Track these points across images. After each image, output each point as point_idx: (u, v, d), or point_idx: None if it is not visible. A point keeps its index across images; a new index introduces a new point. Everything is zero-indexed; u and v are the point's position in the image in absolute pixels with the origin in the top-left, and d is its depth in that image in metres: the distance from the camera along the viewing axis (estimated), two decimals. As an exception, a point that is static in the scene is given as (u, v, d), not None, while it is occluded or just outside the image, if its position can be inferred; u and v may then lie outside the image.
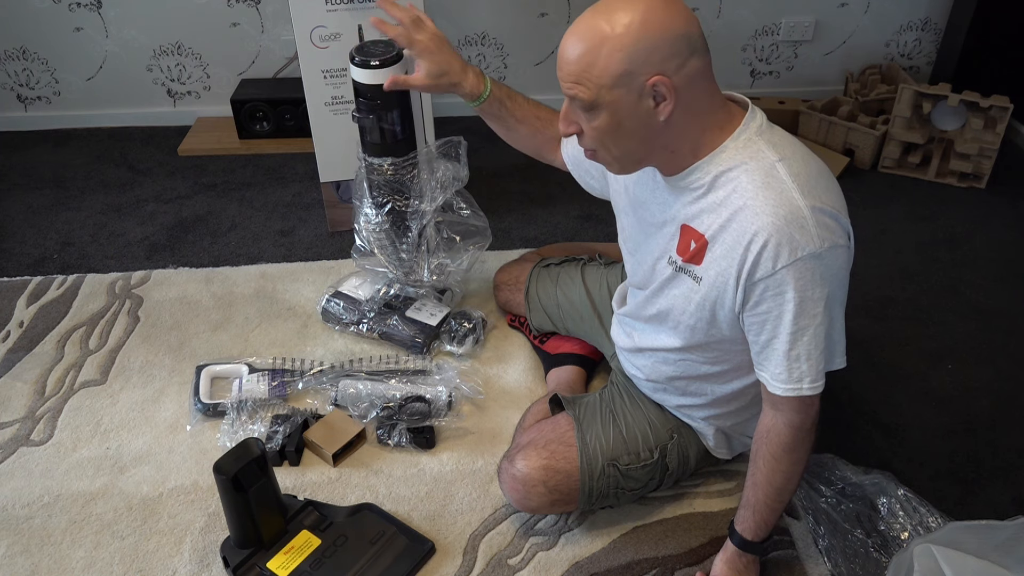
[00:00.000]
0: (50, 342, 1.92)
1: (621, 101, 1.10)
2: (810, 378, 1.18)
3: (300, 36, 1.98)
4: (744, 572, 1.36)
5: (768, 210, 1.11)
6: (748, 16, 2.83)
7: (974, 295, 2.12)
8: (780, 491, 1.27)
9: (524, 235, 2.32)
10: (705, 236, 1.19)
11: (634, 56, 1.07)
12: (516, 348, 1.90)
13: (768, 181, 1.12)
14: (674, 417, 1.47)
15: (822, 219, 1.12)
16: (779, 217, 1.10)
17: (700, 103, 1.14)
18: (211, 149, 2.73)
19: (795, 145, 1.19)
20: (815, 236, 1.11)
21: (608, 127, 1.14)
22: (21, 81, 2.79)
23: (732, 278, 1.16)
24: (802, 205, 1.11)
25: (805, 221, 1.11)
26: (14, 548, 1.47)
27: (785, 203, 1.11)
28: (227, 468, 1.33)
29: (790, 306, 1.14)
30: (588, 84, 1.10)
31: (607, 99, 1.10)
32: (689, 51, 1.09)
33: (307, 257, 2.23)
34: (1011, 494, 1.59)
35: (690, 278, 1.24)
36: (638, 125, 1.13)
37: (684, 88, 1.10)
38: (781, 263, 1.11)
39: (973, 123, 2.48)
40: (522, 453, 1.44)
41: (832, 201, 1.15)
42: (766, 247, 1.11)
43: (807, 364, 1.17)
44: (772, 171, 1.13)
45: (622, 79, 1.08)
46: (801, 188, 1.12)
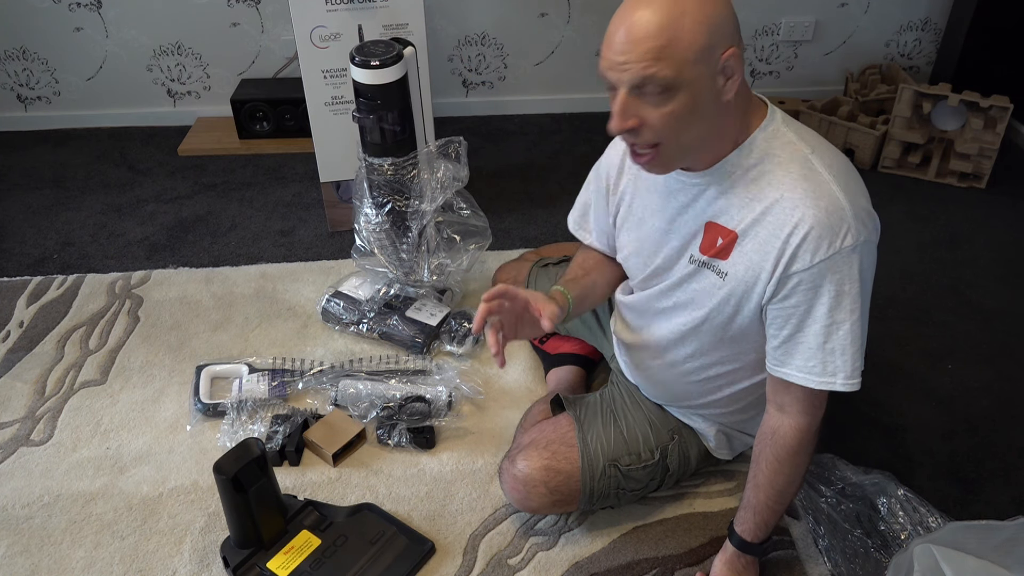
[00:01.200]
0: (50, 342, 1.92)
1: (702, 79, 1.04)
2: (844, 373, 1.15)
3: (300, 36, 1.98)
4: (743, 573, 1.35)
5: (809, 202, 1.09)
6: (748, 16, 2.83)
7: (974, 295, 2.12)
8: (782, 493, 1.26)
9: (524, 235, 2.32)
10: (735, 231, 1.17)
11: (714, 27, 1.02)
12: (516, 348, 1.90)
13: (805, 173, 1.11)
14: (675, 417, 1.47)
15: (859, 212, 1.11)
16: (820, 209, 1.09)
17: (743, 87, 1.12)
18: (211, 149, 2.73)
19: (819, 138, 1.18)
20: (854, 229, 1.09)
21: (685, 110, 1.06)
22: (21, 81, 2.79)
23: (766, 271, 1.14)
24: (841, 197, 1.10)
25: (845, 213, 1.09)
26: (14, 548, 1.47)
27: (825, 195, 1.09)
28: (227, 468, 1.33)
29: (825, 299, 1.12)
30: (671, 60, 1.01)
31: (689, 76, 1.03)
32: (736, 28, 1.07)
33: (307, 257, 2.23)
34: (1011, 494, 1.59)
35: (714, 273, 1.21)
36: (711, 105, 1.07)
37: (739, 68, 1.07)
38: (820, 256, 1.10)
39: (973, 123, 2.48)
40: (523, 453, 1.44)
41: (864, 194, 1.14)
42: (807, 239, 1.09)
43: (842, 359, 1.15)
44: (807, 163, 1.12)
45: (704, 52, 1.02)
46: (837, 180, 1.11)
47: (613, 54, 1.04)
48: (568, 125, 2.90)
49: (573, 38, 2.83)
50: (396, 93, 1.69)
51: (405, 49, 1.70)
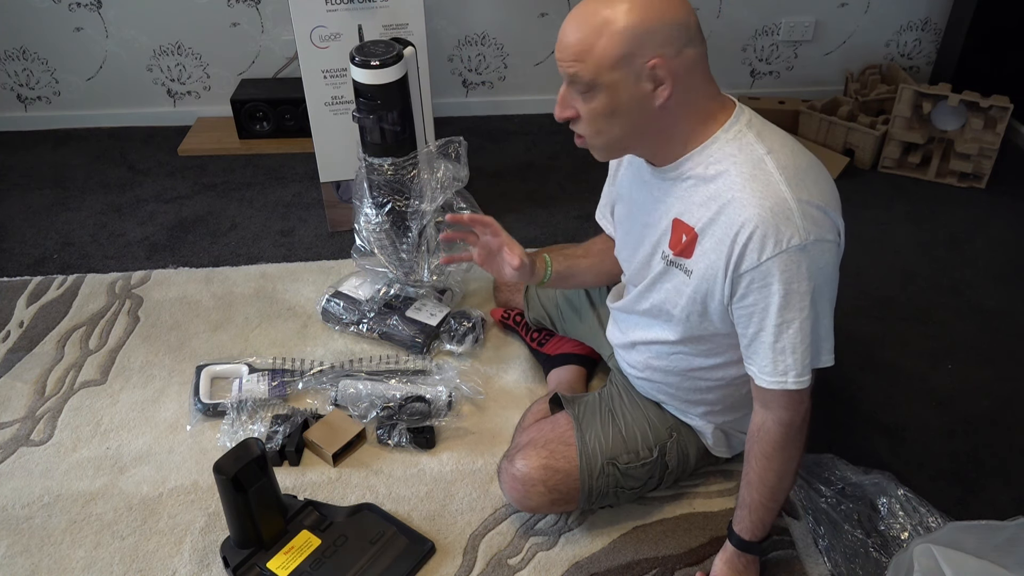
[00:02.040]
0: (50, 342, 1.92)
1: (620, 83, 1.11)
2: (795, 372, 1.17)
3: (300, 36, 1.98)
4: (744, 572, 1.36)
5: (755, 202, 1.12)
6: (748, 16, 2.83)
7: (974, 295, 2.12)
8: (774, 490, 1.27)
9: (524, 235, 2.32)
10: (695, 229, 1.20)
11: (634, 38, 1.08)
12: (516, 348, 1.90)
13: (755, 173, 1.13)
14: (673, 416, 1.47)
15: (809, 211, 1.12)
16: (765, 208, 1.11)
17: (695, 92, 1.15)
18: (211, 149, 2.73)
19: (785, 139, 1.19)
20: (800, 228, 1.11)
21: (605, 109, 1.15)
22: (21, 81, 2.79)
23: (720, 270, 1.17)
24: (788, 197, 1.11)
25: (791, 213, 1.11)
26: (14, 548, 1.47)
27: (771, 195, 1.11)
28: (227, 468, 1.33)
29: (775, 298, 1.14)
30: (588, 63, 1.11)
31: (606, 80, 1.11)
32: (686, 39, 1.11)
33: (307, 257, 2.23)
34: (1011, 494, 1.59)
35: (681, 271, 1.25)
36: (634, 108, 1.14)
37: (681, 75, 1.11)
38: (766, 255, 1.11)
39: (973, 123, 2.47)
40: (522, 453, 1.44)
41: (821, 195, 1.15)
42: (752, 238, 1.12)
43: (792, 358, 1.17)
44: (760, 163, 1.14)
45: (622, 60, 1.10)
46: (788, 180, 1.12)
47: (557, 49, 1.16)
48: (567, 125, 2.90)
49: (573, 38, 2.82)
50: (396, 93, 1.69)
51: (405, 49, 1.70)
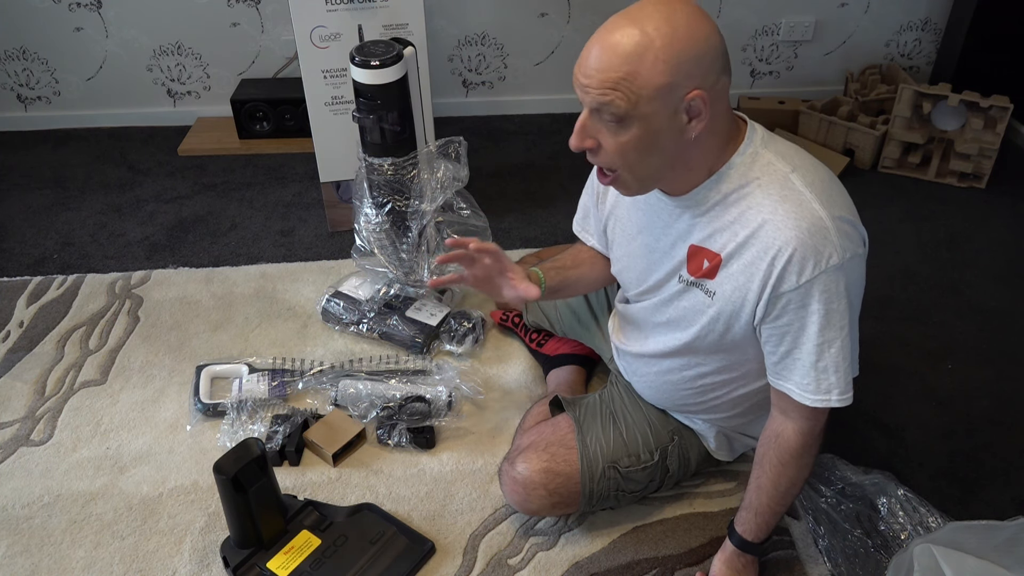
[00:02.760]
0: (50, 342, 1.92)
1: (658, 115, 1.04)
2: (839, 389, 1.16)
3: (300, 36, 1.98)
4: (743, 572, 1.35)
5: (791, 223, 1.09)
6: (748, 16, 2.83)
7: (974, 295, 2.12)
8: (784, 495, 1.27)
9: (524, 235, 2.32)
10: (720, 255, 1.17)
11: (678, 68, 1.01)
12: (516, 348, 1.90)
13: (785, 194, 1.11)
14: (675, 419, 1.47)
15: (843, 228, 1.11)
16: (802, 230, 1.09)
17: (722, 121, 1.11)
18: (211, 149, 2.73)
19: (801, 153, 1.18)
20: (838, 246, 1.09)
21: (638, 142, 1.07)
22: (21, 81, 2.79)
23: (754, 292, 1.14)
24: (824, 216, 1.09)
25: (828, 232, 1.09)
26: (14, 548, 1.47)
27: (807, 215, 1.09)
28: (227, 468, 1.33)
29: (815, 318, 1.12)
30: (627, 93, 1.02)
31: (644, 111, 1.04)
32: (722, 66, 1.06)
33: (307, 257, 2.23)
34: (1011, 494, 1.59)
35: (702, 292, 1.22)
36: (668, 141, 1.08)
37: (714, 104, 1.06)
38: (806, 276, 1.09)
39: (973, 123, 2.47)
40: (522, 456, 1.44)
41: (847, 207, 1.15)
42: (791, 261, 1.09)
43: (835, 376, 1.15)
44: (787, 183, 1.12)
45: (663, 91, 1.02)
46: (819, 198, 1.10)
47: (581, 74, 1.05)
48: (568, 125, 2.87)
49: (573, 38, 2.83)
50: (396, 93, 1.69)
51: (405, 49, 1.70)
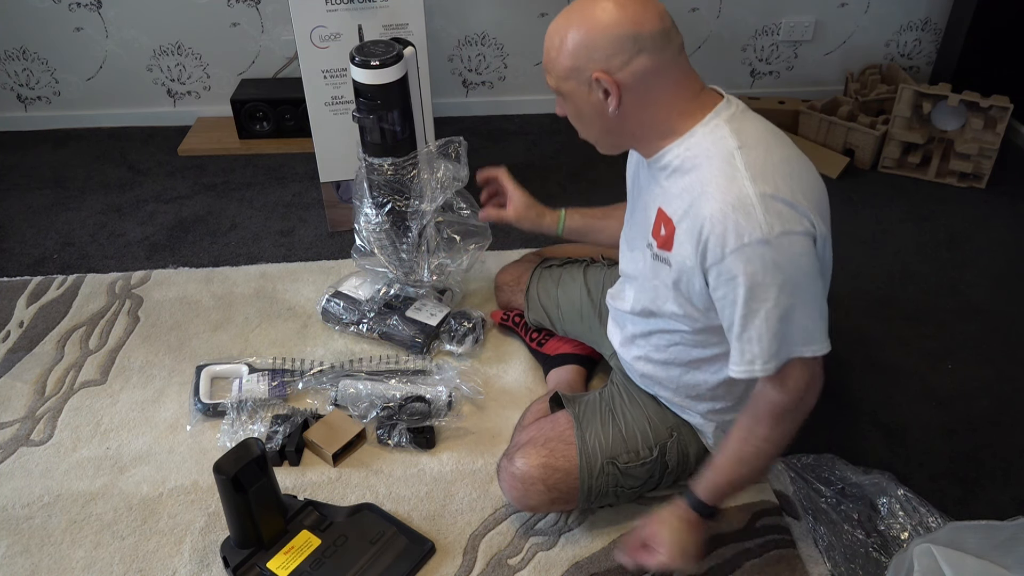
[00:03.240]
0: (50, 342, 1.92)
1: (576, 92, 1.22)
2: (762, 360, 1.17)
3: (300, 36, 1.98)
4: (683, 528, 1.29)
5: (718, 196, 1.14)
6: (748, 16, 2.83)
7: (974, 295, 2.12)
8: (743, 462, 1.26)
9: (524, 235, 2.32)
10: (673, 221, 1.22)
11: (576, 53, 1.18)
12: (516, 348, 1.90)
13: (723, 168, 1.15)
14: (674, 415, 1.47)
15: (773, 206, 1.12)
16: (726, 204, 1.13)
17: (658, 96, 1.20)
18: (211, 149, 2.73)
19: (763, 133, 1.20)
20: (762, 223, 1.11)
21: (574, 113, 1.29)
22: (21, 81, 2.79)
23: (694, 263, 1.19)
24: (751, 192, 1.12)
25: (752, 208, 1.12)
26: (14, 548, 1.47)
27: (734, 190, 1.13)
28: (227, 468, 1.33)
29: (741, 291, 1.15)
30: (551, 73, 1.24)
31: (565, 89, 1.23)
32: (636, 50, 1.16)
33: (307, 257, 2.23)
34: (1011, 494, 1.59)
35: (665, 265, 1.27)
36: (593, 114, 1.24)
37: (632, 84, 1.18)
38: (728, 249, 1.13)
39: (973, 123, 2.48)
40: (521, 451, 1.44)
41: (789, 188, 1.15)
42: (712, 234, 1.14)
43: (759, 346, 1.17)
44: (729, 159, 1.16)
45: (571, 72, 1.20)
46: (753, 176, 1.14)
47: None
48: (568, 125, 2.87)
49: (573, 38, 2.82)
50: (396, 93, 1.68)
51: (405, 49, 1.70)
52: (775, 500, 1.54)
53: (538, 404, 1.63)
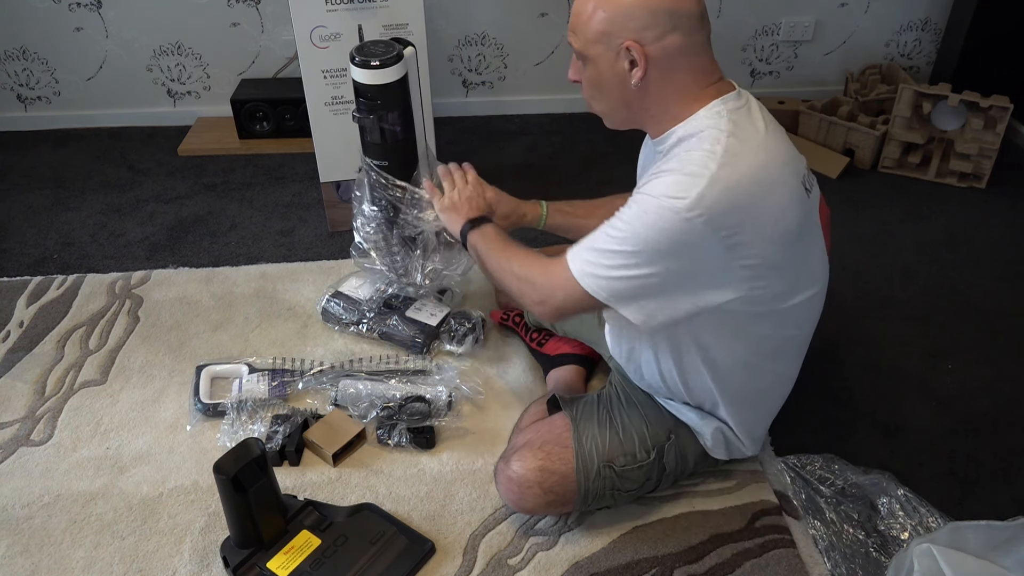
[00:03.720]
0: (50, 342, 1.92)
1: (602, 57, 1.23)
2: (579, 257, 1.24)
3: (300, 36, 1.98)
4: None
5: (684, 159, 1.17)
6: (748, 16, 2.83)
7: (974, 295, 2.12)
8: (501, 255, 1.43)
9: (524, 235, 2.30)
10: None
11: (613, 19, 1.19)
12: (516, 348, 1.90)
13: (704, 146, 1.17)
14: (672, 417, 1.47)
15: (716, 193, 1.13)
16: (683, 164, 1.16)
17: (679, 77, 1.22)
18: (211, 149, 2.73)
19: (759, 137, 1.20)
20: (693, 198, 1.13)
21: (593, 80, 1.27)
22: (21, 81, 2.79)
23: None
24: (711, 169, 1.14)
25: (698, 182, 1.13)
26: (14, 548, 1.47)
27: (697, 160, 1.15)
28: (227, 468, 1.33)
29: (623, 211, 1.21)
30: (579, 34, 1.24)
31: (591, 53, 1.24)
32: (671, 26, 1.18)
33: (307, 257, 2.23)
34: (1011, 494, 1.59)
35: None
36: (615, 84, 1.24)
37: (660, 59, 1.20)
38: (650, 190, 1.17)
39: (973, 123, 2.48)
40: (518, 454, 1.44)
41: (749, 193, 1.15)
42: (655, 176, 1.19)
43: (584, 249, 1.24)
44: (715, 138, 1.17)
45: (602, 37, 1.21)
46: (723, 161, 1.15)
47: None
48: (568, 125, 2.90)
49: (573, 38, 2.83)
50: (396, 93, 1.68)
51: (405, 49, 1.70)
52: (775, 500, 1.54)
53: (535, 406, 1.63)
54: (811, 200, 1.28)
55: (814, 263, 1.32)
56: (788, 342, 1.38)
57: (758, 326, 1.30)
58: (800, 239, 1.24)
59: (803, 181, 1.26)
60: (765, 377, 1.41)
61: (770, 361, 1.38)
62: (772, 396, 1.48)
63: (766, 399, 1.48)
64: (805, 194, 1.26)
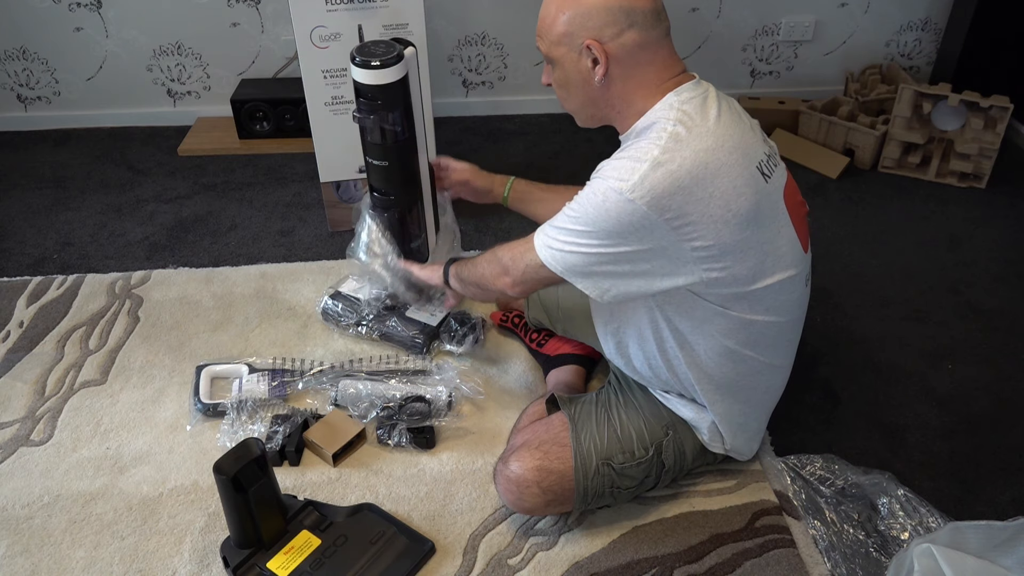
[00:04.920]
0: (50, 342, 1.92)
1: (566, 58, 1.29)
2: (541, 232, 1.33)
3: (300, 36, 1.98)
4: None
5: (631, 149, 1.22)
6: (748, 16, 2.83)
7: (974, 295, 2.12)
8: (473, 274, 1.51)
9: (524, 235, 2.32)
10: None
11: (573, 20, 1.25)
12: (516, 348, 1.90)
13: (652, 137, 1.22)
14: (669, 413, 1.47)
15: (657, 180, 1.18)
16: (627, 151, 1.23)
17: (640, 71, 1.27)
18: (211, 149, 2.73)
19: (709, 126, 1.23)
20: (634, 183, 1.18)
21: (561, 81, 1.34)
22: (21, 81, 2.79)
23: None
24: (652, 156, 1.19)
25: (639, 167, 1.19)
26: (14, 548, 1.47)
27: (641, 148, 1.21)
28: (227, 468, 1.33)
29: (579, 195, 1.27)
30: (544, 39, 1.31)
31: (556, 55, 1.30)
32: (628, 23, 1.24)
33: (307, 257, 2.23)
34: (1011, 494, 1.60)
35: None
36: (580, 83, 1.31)
37: (620, 55, 1.25)
38: (598, 173, 1.25)
39: (973, 123, 2.48)
40: (516, 454, 1.44)
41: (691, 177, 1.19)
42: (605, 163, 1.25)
43: (546, 225, 1.33)
44: (663, 128, 1.22)
45: (564, 38, 1.27)
46: (665, 149, 1.19)
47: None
48: (568, 125, 2.90)
49: (573, 38, 2.83)
50: (397, 93, 1.68)
51: (406, 49, 1.70)
52: (775, 500, 1.54)
53: (534, 407, 1.63)
54: (771, 185, 1.28)
55: (780, 247, 1.30)
56: (767, 328, 1.36)
57: (729, 309, 1.31)
58: (757, 222, 1.24)
59: (760, 166, 1.27)
60: (747, 364, 1.39)
61: (751, 348, 1.37)
62: (760, 387, 1.46)
63: (754, 391, 1.46)
64: (762, 179, 1.26)
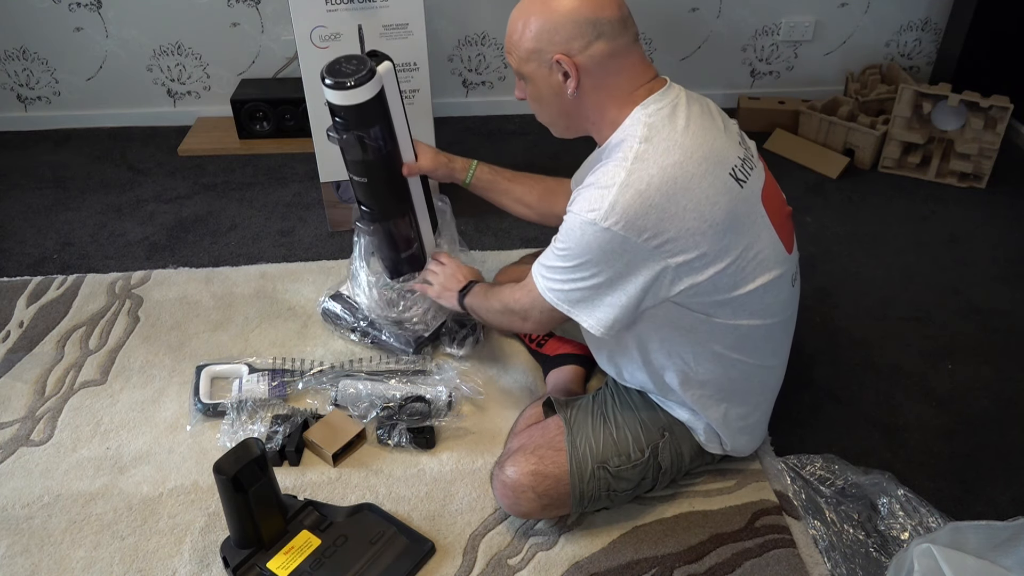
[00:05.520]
0: (50, 342, 1.92)
1: (536, 73, 1.30)
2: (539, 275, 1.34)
3: (300, 36, 1.98)
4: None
5: (597, 174, 1.23)
6: (748, 16, 2.83)
7: (974, 295, 2.12)
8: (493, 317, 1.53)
9: (523, 235, 2.32)
10: None
11: (540, 35, 1.25)
12: (515, 348, 1.90)
13: (619, 156, 1.22)
14: (665, 415, 1.47)
15: (623, 205, 1.18)
16: (596, 177, 1.23)
17: (612, 81, 1.27)
18: (211, 149, 2.73)
19: (678, 130, 1.23)
20: (602, 211, 1.19)
21: (534, 95, 1.35)
22: (21, 81, 2.79)
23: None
24: (618, 182, 1.19)
25: (606, 196, 1.19)
26: (14, 548, 1.47)
27: (608, 173, 1.21)
28: (227, 468, 1.33)
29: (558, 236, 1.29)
30: (513, 55, 1.32)
31: (526, 70, 1.31)
32: (595, 34, 1.23)
33: (307, 257, 2.23)
34: (1011, 494, 1.60)
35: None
36: (553, 97, 1.31)
37: (590, 67, 1.25)
38: (571, 208, 1.26)
39: (973, 123, 2.48)
40: (511, 459, 1.44)
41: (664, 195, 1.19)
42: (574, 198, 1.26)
43: (541, 266, 1.34)
44: (628, 149, 1.22)
45: (533, 54, 1.28)
46: (632, 170, 1.19)
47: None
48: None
49: (573, 38, 2.82)
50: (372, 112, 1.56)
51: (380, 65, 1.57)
52: (775, 500, 1.54)
53: (531, 409, 1.63)
54: (746, 190, 1.27)
55: (762, 251, 1.29)
56: (754, 331, 1.36)
57: (713, 316, 1.31)
58: (734, 229, 1.24)
59: (733, 172, 1.26)
60: (737, 368, 1.39)
61: (739, 352, 1.37)
62: (755, 388, 1.46)
63: (749, 392, 1.45)
64: (736, 185, 1.25)
